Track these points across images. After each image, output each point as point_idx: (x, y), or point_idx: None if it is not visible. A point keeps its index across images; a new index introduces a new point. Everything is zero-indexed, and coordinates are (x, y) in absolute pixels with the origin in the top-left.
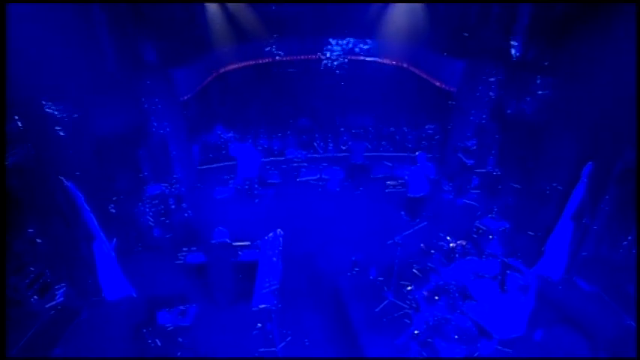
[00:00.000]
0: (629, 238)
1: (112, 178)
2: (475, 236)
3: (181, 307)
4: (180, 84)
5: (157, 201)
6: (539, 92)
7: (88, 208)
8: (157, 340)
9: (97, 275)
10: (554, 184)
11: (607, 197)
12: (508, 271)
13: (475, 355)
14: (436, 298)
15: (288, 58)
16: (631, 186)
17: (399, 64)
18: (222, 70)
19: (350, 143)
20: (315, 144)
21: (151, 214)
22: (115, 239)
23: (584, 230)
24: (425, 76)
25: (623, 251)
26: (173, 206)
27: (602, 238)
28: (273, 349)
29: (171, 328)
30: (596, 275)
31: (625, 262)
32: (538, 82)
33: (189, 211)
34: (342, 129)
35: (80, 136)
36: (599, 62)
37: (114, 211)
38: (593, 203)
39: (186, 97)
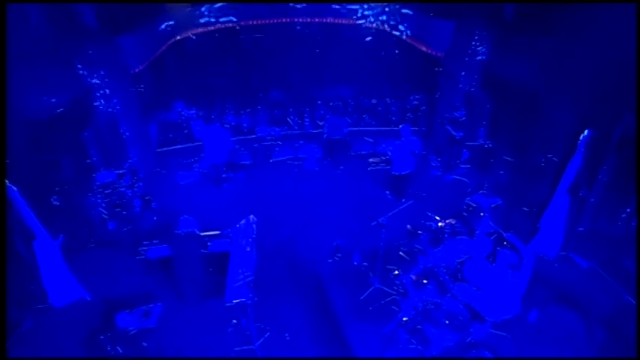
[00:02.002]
0: (628, 210)
1: (54, 165)
2: (465, 214)
3: (144, 308)
4: (130, 53)
5: (109, 190)
6: (534, 56)
7: (25, 202)
8: (117, 347)
9: (41, 279)
10: (550, 156)
11: (605, 167)
12: (499, 248)
13: (468, 340)
14: (425, 282)
15: (255, 22)
16: (630, 154)
17: (381, 27)
18: (179, 37)
19: (328, 117)
20: (289, 119)
21: (103, 205)
22: (61, 236)
23: (581, 204)
24: (409, 40)
25: (622, 224)
26: (130, 195)
27: (600, 212)
28: (250, 346)
29: (134, 331)
30: (593, 251)
31: (623, 235)
32: (532, 44)
33: (150, 200)
34: (319, 102)
35: (6, 117)
36: (598, 22)
37: (58, 203)
38: (591, 174)
39: (138, 69)
